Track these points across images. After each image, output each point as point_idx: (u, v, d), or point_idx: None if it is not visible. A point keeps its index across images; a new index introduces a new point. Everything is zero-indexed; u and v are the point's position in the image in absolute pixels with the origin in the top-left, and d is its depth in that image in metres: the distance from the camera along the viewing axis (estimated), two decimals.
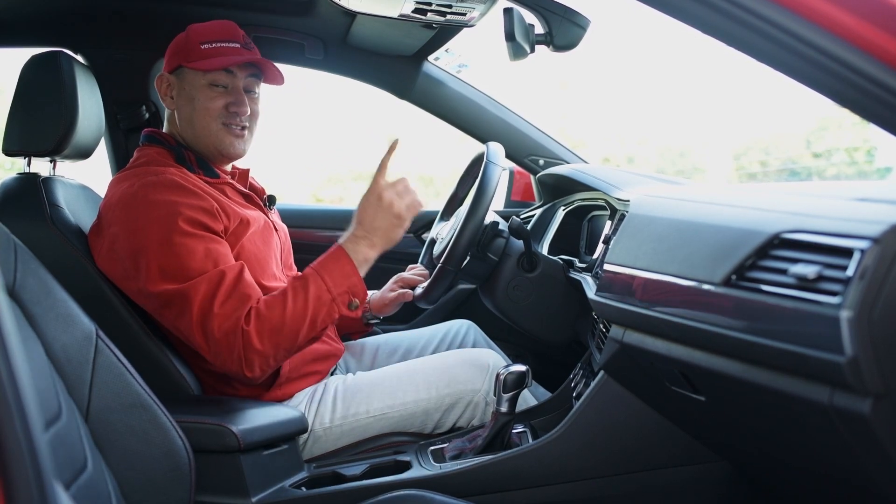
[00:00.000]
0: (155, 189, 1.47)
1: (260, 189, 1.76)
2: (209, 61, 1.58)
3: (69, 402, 1.03)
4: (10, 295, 1.02)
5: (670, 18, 0.93)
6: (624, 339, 1.22)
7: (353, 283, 1.47)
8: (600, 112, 9.76)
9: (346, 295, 1.47)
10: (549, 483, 1.36)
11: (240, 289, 1.43)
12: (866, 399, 0.77)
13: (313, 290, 1.45)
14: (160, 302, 1.43)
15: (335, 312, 1.46)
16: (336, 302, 1.46)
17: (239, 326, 1.40)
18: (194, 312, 1.40)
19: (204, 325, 1.40)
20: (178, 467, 1.13)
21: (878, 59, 0.82)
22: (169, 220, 1.43)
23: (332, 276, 1.47)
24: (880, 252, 0.76)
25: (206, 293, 1.41)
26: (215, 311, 1.40)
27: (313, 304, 1.44)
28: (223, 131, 1.61)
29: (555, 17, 1.53)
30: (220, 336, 1.40)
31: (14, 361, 0.56)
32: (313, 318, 1.44)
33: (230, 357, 1.41)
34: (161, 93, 1.64)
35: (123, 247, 1.45)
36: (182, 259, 1.42)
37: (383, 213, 1.50)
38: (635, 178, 1.69)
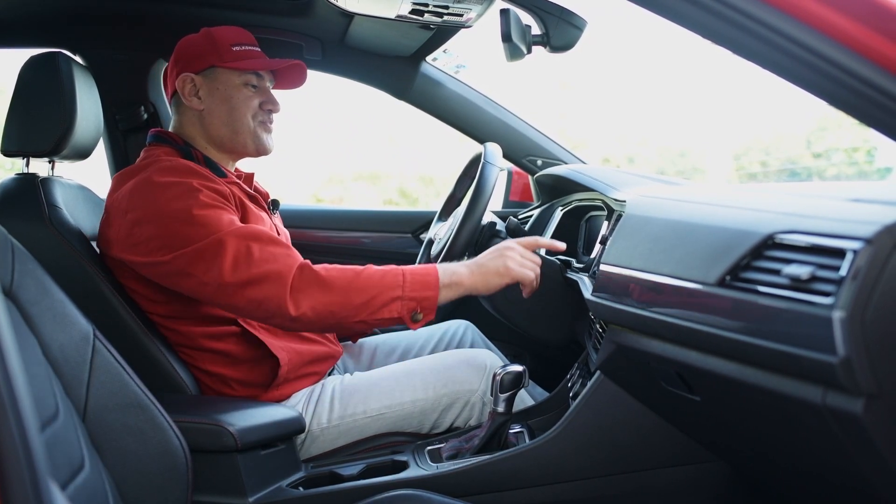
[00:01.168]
0: (170, 172, 1.49)
1: (264, 193, 1.77)
2: (249, 62, 1.62)
3: (66, 402, 1.03)
4: (8, 295, 1.02)
5: (668, 22, 0.93)
6: (620, 339, 1.22)
7: (428, 296, 1.41)
8: (600, 112, 9.77)
9: (414, 302, 1.40)
10: (545, 483, 1.37)
11: (278, 244, 1.43)
12: (859, 399, 0.77)
13: (390, 277, 1.41)
14: (188, 260, 1.40)
15: (395, 311, 1.40)
16: (403, 300, 1.40)
17: (286, 272, 1.38)
18: (227, 260, 1.38)
19: (238, 269, 1.38)
20: (176, 467, 1.13)
21: (873, 63, 0.83)
22: (189, 196, 1.44)
23: (414, 280, 1.42)
24: (873, 253, 0.76)
25: (238, 244, 1.40)
26: (254, 257, 1.39)
27: (381, 287, 1.40)
28: (260, 128, 1.66)
29: (551, 18, 1.53)
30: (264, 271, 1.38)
31: (10, 362, 0.56)
32: (373, 297, 1.39)
33: (271, 299, 1.37)
34: (185, 94, 1.63)
35: (146, 228, 1.44)
36: (207, 224, 1.42)
37: (498, 258, 1.47)
38: (632, 179, 1.69)
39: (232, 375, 1.55)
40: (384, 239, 2.42)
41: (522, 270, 1.46)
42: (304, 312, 1.37)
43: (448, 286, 1.43)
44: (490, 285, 1.46)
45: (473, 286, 1.45)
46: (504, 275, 1.45)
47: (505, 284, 1.46)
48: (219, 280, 1.38)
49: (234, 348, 1.54)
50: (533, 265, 1.49)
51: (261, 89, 1.66)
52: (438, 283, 1.42)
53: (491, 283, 1.45)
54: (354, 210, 2.62)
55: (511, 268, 1.45)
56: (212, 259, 1.39)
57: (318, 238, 2.40)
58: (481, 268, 1.46)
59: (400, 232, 2.43)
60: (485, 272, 1.45)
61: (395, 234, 2.43)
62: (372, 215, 2.54)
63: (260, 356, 1.55)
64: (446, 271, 1.44)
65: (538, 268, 1.50)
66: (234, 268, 1.38)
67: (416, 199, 8.66)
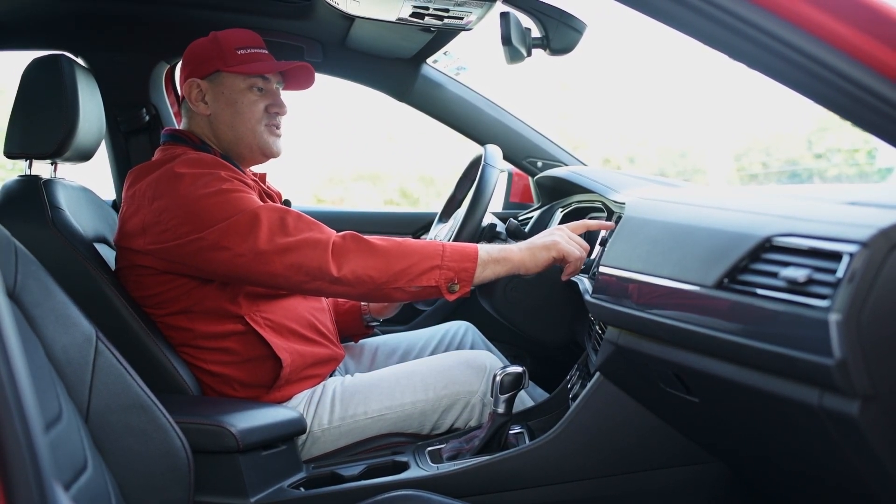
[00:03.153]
0: (196, 164, 1.52)
1: (277, 193, 1.78)
2: (253, 66, 1.63)
3: (69, 404, 1.04)
4: (11, 297, 1.03)
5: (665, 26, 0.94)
6: (619, 340, 1.22)
7: (466, 267, 1.44)
8: (601, 113, 9.77)
9: (452, 272, 1.43)
10: (545, 483, 1.37)
11: (310, 218, 1.46)
12: (855, 401, 0.78)
13: (430, 247, 1.44)
14: (222, 233, 1.41)
15: (433, 279, 1.42)
16: (441, 268, 1.42)
17: (323, 238, 1.42)
18: (263, 230, 1.40)
19: (274, 237, 1.40)
20: (178, 468, 1.14)
21: (871, 69, 0.83)
22: (217, 183, 1.47)
23: (453, 251, 1.45)
24: (869, 256, 0.77)
25: (271, 216, 1.43)
26: (289, 227, 1.42)
27: (421, 255, 1.42)
28: (266, 132, 1.67)
29: (551, 20, 1.54)
30: (301, 238, 1.41)
31: (14, 363, 0.57)
32: (414, 264, 1.41)
33: (315, 254, 1.40)
34: (192, 99, 1.64)
35: (176, 213, 1.45)
36: (237, 204, 1.44)
37: (547, 235, 1.52)
38: (632, 181, 1.70)
39: (234, 376, 1.56)
40: None
41: (569, 247, 1.49)
42: (346, 274, 1.40)
43: (496, 261, 1.46)
44: (538, 259, 1.48)
45: (522, 261, 1.48)
46: (551, 248, 1.48)
47: (552, 259, 1.49)
48: (254, 249, 1.40)
49: (237, 347, 1.55)
50: (579, 246, 1.51)
51: (267, 92, 1.66)
52: (477, 256, 1.45)
53: (538, 258, 1.48)
54: (355, 211, 2.63)
55: (559, 242, 1.49)
56: (247, 230, 1.41)
57: None
58: (530, 244, 1.50)
59: (400, 233, 2.43)
60: (532, 247, 1.49)
61: (395, 236, 2.43)
62: (372, 216, 2.55)
63: (262, 356, 1.55)
64: (493, 248, 1.48)
65: (584, 251, 1.52)
66: (270, 236, 1.40)
67: (416, 200, 8.67)
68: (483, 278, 1.46)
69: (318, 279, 1.41)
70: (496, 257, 1.47)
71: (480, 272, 1.45)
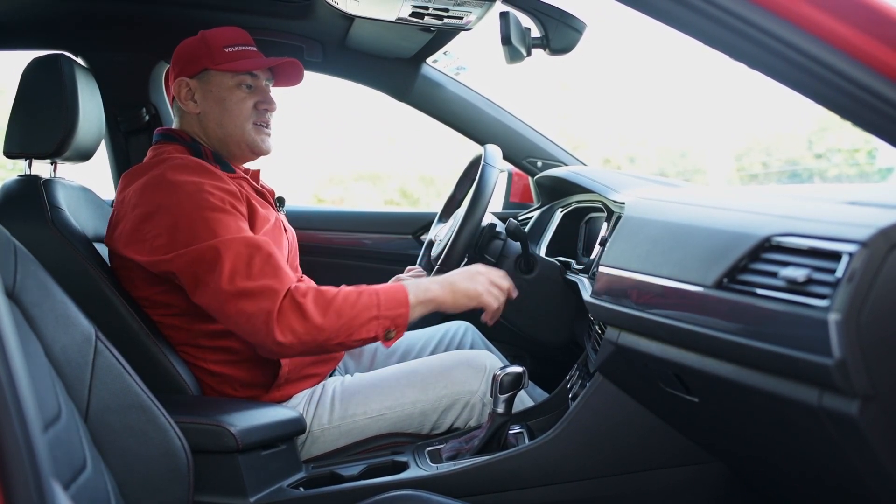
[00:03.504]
0: (181, 170, 1.50)
1: (270, 190, 1.78)
2: (240, 63, 1.62)
3: (69, 403, 1.04)
4: (10, 297, 1.03)
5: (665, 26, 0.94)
6: (619, 340, 1.22)
7: (401, 313, 1.45)
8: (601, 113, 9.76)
9: (389, 320, 1.44)
10: (545, 483, 1.37)
11: (276, 261, 1.44)
12: (854, 401, 0.78)
13: (365, 297, 1.44)
14: (189, 259, 1.41)
15: (373, 330, 1.43)
16: (379, 318, 1.43)
17: (280, 290, 1.40)
18: (226, 267, 1.39)
19: (235, 278, 1.39)
20: (177, 467, 1.14)
21: (872, 69, 0.83)
22: (197, 196, 1.46)
23: (388, 298, 1.45)
24: (868, 255, 0.77)
25: (239, 251, 1.41)
26: (253, 270, 1.40)
27: (358, 308, 1.42)
28: (255, 130, 1.66)
29: (551, 20, 1.54)
30: (259, 285, 1.39)
31: (13, 363, 0.57)
32: (352, 318, 1.42)
33: (259, 316, 1.38)
34: (181, 98, 1.65)
35: (153, 224, 1.45)
36: (214, 227, 1.43)
37: (470, 280, 1.53)
38: (632, 181, 1.70)
39: (234, 375, 1.56)
40: (385, 240, 2.43)
41: (489, 298, 1.53)
42: (290, 339, 1.39)
43: (421, 303, 1.48)
44: (458, 305, 1.52)
45: (444, 303, 1.51)
46: (474, 298, 1.52)
47: (472, 307, 1.53)
48: (216, 285, 1.40)
49: (237, 346, 1.55)
50: (499, 294, 1.54)
51: (256, 89, 1.66)
52: (409, 300, 1.46)
53: (459, 304, 1.52)
54: (355, 211, 2.63)
55: (481, 293, 1.52)
56: (211, 264, 1.40)
57: (319, 239, 2.41)
58: (453, 286, 1.51)
59: (400, 233, 2.43)
60: (455, 292, 1.51)
61: (395, 236, 2.43)
62: (373, 216, 2.55)
63: (262, 356, 1.55)
64: (419, 288, 1.49)
65: (503, 297, 1.55)
66: (231, 276, 1.39)
67: (416, 200, 8.67)
68: (412, 320, 1.48)
69: (262, 335, 1.39)
70: (422, 299, 1.48)
71: (411, 315, 1.47)
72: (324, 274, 2.15)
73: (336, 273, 2.35)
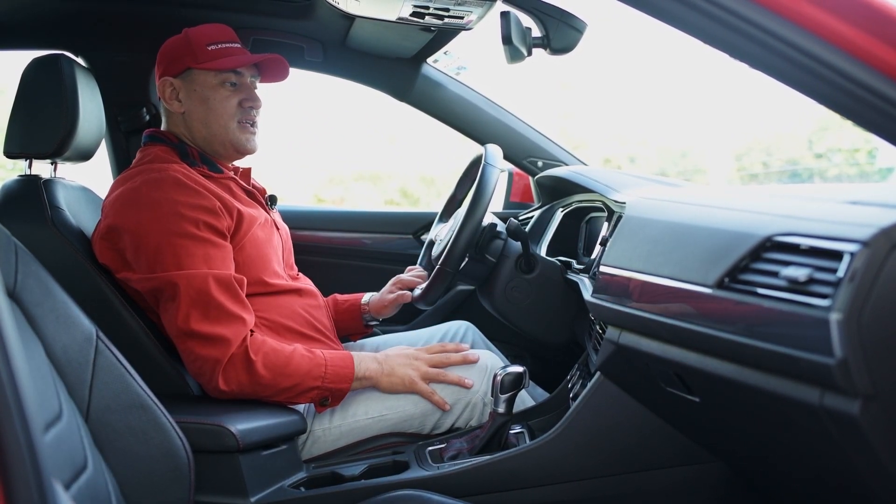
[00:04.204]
0: (157, 187, 1.49)
1: (261, 189, 1.77)
2: (222, 61, 1.62)
3: (69, 403, 1.04)
4: (11, 297, 1.03)
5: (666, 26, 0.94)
6: (620, 340, 1.22)
7: (342, 388, 1.51)
8: (602, 112, 9.77)
9: (328, 392, 1.49)
10: (545, 483, 1.37)
11: (237, 301, 1.46)
12: (856, 400, 0.78)
13: (314, 368, 1.48)
14: (152, 286, 1.46)
15: (310, 397, 1.49)
16: (320, 389, 1.48)
17: (233, 341, 1.42)
18: (182, 306, 1.42)
19: (190, 319, 1.42)
20: (178, 467, 1.14)
21: (872, 68, 0.83)
22: (170, 219, 1.46)
23: (334, 372, 1.50)
24: (870, 255, 0.77)
25: (200, 289, 1.43)
26: (210, 313, 1.43)
27: (305, 377, 1.47)
28: (239, 129, 1.66)
29: (552, 20, 1.53)
30: (213, 332, 1.42)
31: (14, 363, 0.57)
32: (297, 384, 1.46)
33: (207, 362, 1.42)
34: (165, 97, 1.65)
35: (123, 239, 1.48)
36: (179, 256, 1.44)
37: (407, 367, 1.57)
38: (632, 181, 1.70)
39: None
40: (385, 240, 2.43)
41: (423, 387, 1.56)
42: (232, 389, 1.44)
43: (359, 379, 1.53)
44: (394, 390, 1.56)
45: (379, 385, 1.56)
46: (409, 386, 1.56)
47: (407, 393, 1.57)
48: (172, 318, 1.44)
49: None
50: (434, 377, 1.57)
51: (241, 86, 1.66)
52: (353, 377, 1.52)
53: (395, 389, 1.56)
54: (355, 211, 2.63)
55: (416, 384, 1.56)
56: (170, 297, 1.44)
57: (319, 239, 2.41)
58: (392, 371, 1.56)
59: (401, 233, 2.43)
60: (392, 377, 1.56)
61: (396, 236, 2.43)
62: (373, 216, 2.55)
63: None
64: (360, 366, 1.53)
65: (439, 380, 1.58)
66: (186, 317, 1.42)
67: (417, 200, 8.67)
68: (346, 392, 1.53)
69: (205, 380, 1.45)
70: (361, 376, 1.53)
71: (349, 389, 1.53)
72: (324, 274, 2.15)
73: (337, 273, 2.36)
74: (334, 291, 1.96)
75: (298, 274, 1.80)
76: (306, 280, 1.79)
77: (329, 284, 1.99)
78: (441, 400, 1.56)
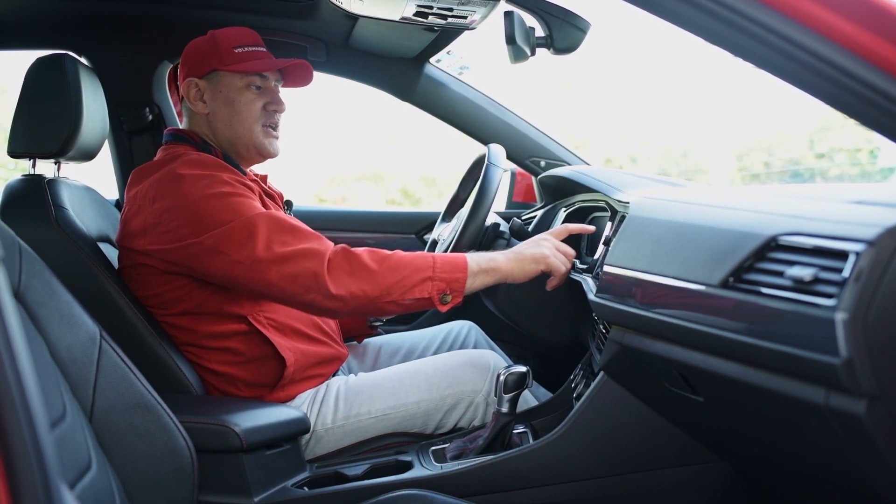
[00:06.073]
0: (198, 165, 1.52)
1: (279, 193, 1.78)
2: (249, 64, 1.62)
3: (73, 403, 1.04)
4: (15, 296, 1.03)
5: (669, 24, 0.93)
6: (623, 340, 1.22)
7: (458, 277, 1.45)
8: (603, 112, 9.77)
9: (444, 283, 1.44)
10: (549, 483, 1.37)
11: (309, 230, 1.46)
12: (861, 400, 0.78)
13: (420, 259, 1.45)
14: (220, 237, 1.42)
15: (426, 291, 1.43)
16: (433, 280, 1.43)
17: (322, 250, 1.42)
18: (260, 238, 1.41)
19: (272, 245, 1.40)
20: (182, 467, 1.14)
21: (874, 65, 0.83)
22: (218, 185, 1.47)
23: (444, 262, 1.46)
24: (875, 255, 0.77)
25: (271, 223, 1.43)
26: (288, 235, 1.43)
27: (412, 268, 1.43)
28: (263, 132, 1.67)
29: (555, 20, 1.54)
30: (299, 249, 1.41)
31: (20, 363, 0.57)
32: (405, 277, 1.42)
33: (308, 273, 1.39)
34: (190, 98, 1.65)
35: (177, 215, 1.46)
36: (238, 209, 1.44)
37: (535, 246, 1.54)
38: (635, 180, 1.69)
39: (238, 375, 1.56)
40: (388, 240, 2.43)
41: (556, 262, 1.52)
42: (341, 290, 1.40)
43: (485, 271, 1.48)
44: (526, 271, 1.51)
45: (510, 271, 1.50)
46: (540, 261, 1.51)
47: (540, 271, 1.52)
48: (252, 256, 1.40)
49: (241, 347, 1.55)
50: (565, 259, 1.54)
51: (265, 90, 1.66)
52: (467, 266, 1.46)
53: (527, 269, 1.51)
54: (358, 211, 2.63)
55: (547, 255, 1.52)
56: (245, 237, 1.41)
57: None
58: (518, 254, 1.51)
59: (403, 233, 2.43)
60: (521, 258, 1.51)
61: (398, 235, 2.43)
62: (375, 216, 2.55)
63: (266, 356, 1.55)
64: (482, 258, 1.49)
65: (570, 261, 1.55)
66: (267, 245, 1.40)
67: (418, 200, 8.68)
68: (473, 288, 1.48)
69: (314, 292, 1.40)
70: (485, 267, 1.48)
71: (471, 282, 1.47)
72: None
73: None
74: None
75: None
76: None
77: None
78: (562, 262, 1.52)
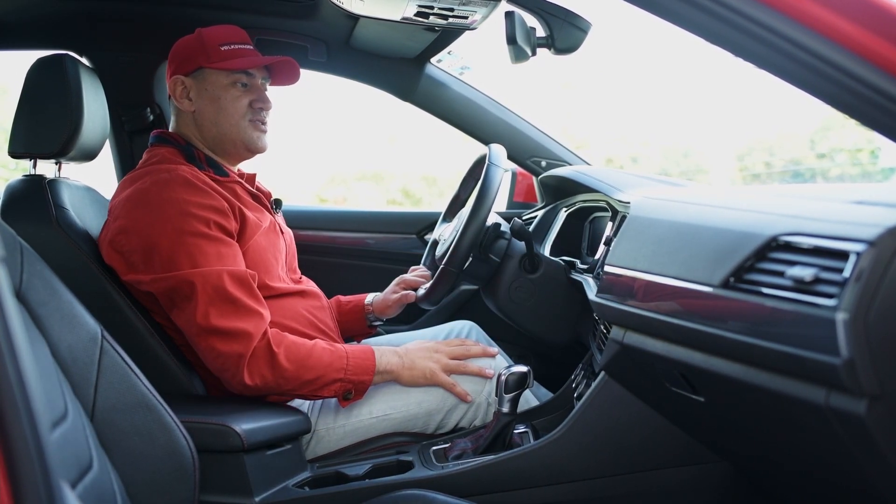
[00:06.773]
0: (167, 187, 1.49)
1: (266, 192, 1.78)
2: (235, 61, 1.62)
3: (75, 403, 1.04)
4: (17, 296, 1.03)
5: (670, 24, 0.93)
6: (624, 340, 1.22)
7: (364, 380, 1.51)
8: (604, 112, 9.77)
9: (351, 385, 1.50)
10: (550, 483, 1.37)
11: (253, 297, 1.46)
12: (862, 400, 0.78)
13: (336, 361, 1.49)
14: (166, 286, 1.44)
15: (334, 391, 1.49)
16: (343, 381, 1.48)
17: (254, 334, 1.42)
18: (200, 302, 1.42)
19: (210, 315, 1.41)
20: (183, 467, 1.14)
21: (874, 65, 0.83)
22: (181, 218, 1.46)
23: (356, 364, 1.50)
24: (876, 255, 0.77)
25: (217, 286, 1.43)
26: (229, 308, 1.42)
27: (327, 369, 1.47)
28: (250, 127, 1.66)
29: (556, 20, 1.54)
30: (234, 326, 1.41)
31: (22, 362, 0.57)
32: (319, 377, 1.46)
33: (231, 358, 1.42)
34: (176, 95, 1.65)
35: (131, 240, 1.47)
36: (193, 255, 1.44)
37: (427, 359, 1.58)
38: (636, 180, 1.69)
39: None
40: (388, 240, 2.43)
41: (444, 378, 1.57)
42: (256, 381, 1.43)
43: (383, 373, 1.54)
44: (416, 381, 1.57)
45: (400, 378, 1.56)
46: (430, 379, 1.57)
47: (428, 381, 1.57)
48: (191, 317, 1.43)
49: None
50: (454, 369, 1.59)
51: (252, 87, 1.66)
52: (375, 370, 1.52)
53: (417, 380, 1.57)
54: (358, 211, 2.63)
55: (436, 372, 1.57)
56: (187, 296, 1.43)
57: (322, 239, 2.41)
58: (412, 364, 1.57)
59: (404, 233, 2.43)
60: (413, 371, 1.56)
61: (399, 235, 2.43)
62: (376, 216, 2.55)
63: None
64: (381, 360, 1.54)
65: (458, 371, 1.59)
66: (205, 312, 1.42)
67: (419, 199, 8.68)
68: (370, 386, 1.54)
69: (230, 374, 1.44)
70: (384, 370, 1.54)
71: (373, 382, 1.53)
72: (328, 274, 2.16)
73: (340, 273, 2.36)
74: (338, 291, 1.96)
75: (301, 277, 1.80)
76: (309, 282, 1.79)
77: (332, 284, 1.99)
78: (463, 391, 1.57)
